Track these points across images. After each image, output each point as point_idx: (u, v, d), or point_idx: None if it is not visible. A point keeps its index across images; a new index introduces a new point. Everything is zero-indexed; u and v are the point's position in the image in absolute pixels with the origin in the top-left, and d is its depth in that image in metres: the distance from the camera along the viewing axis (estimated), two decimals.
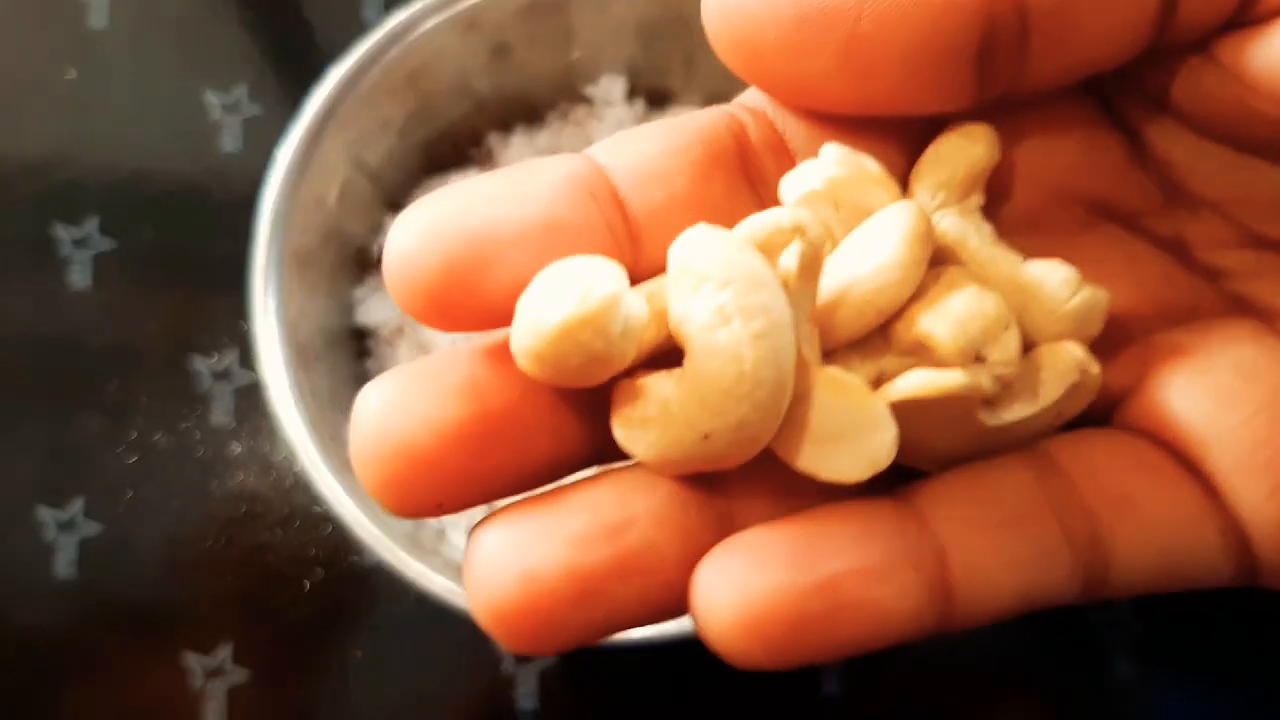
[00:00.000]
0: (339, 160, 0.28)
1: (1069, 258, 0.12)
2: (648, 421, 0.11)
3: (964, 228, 0.12)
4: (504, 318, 0.11)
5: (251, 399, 0.37)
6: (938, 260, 0.12)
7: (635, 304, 0.11)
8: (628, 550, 0.11)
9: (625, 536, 0.11)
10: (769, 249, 0.11)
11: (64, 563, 0.36)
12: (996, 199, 0.13)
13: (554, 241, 0.11)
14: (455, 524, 0.30)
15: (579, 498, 0.11)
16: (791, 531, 0.11)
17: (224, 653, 0.35)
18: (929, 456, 0.12)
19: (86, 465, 0.37)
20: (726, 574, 0.11)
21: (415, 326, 0.31)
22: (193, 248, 0.38)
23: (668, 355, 0.11)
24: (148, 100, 0.40)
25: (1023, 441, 0.12)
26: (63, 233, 0.38)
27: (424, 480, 0.11)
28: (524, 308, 0.11)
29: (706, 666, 0.35)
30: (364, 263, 0.33)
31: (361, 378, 0.32)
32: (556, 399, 0.11)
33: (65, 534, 0.36)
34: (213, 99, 0.40)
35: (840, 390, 0.11)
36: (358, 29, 0.42)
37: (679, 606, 0.11)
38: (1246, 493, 0.11)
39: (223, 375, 0.37)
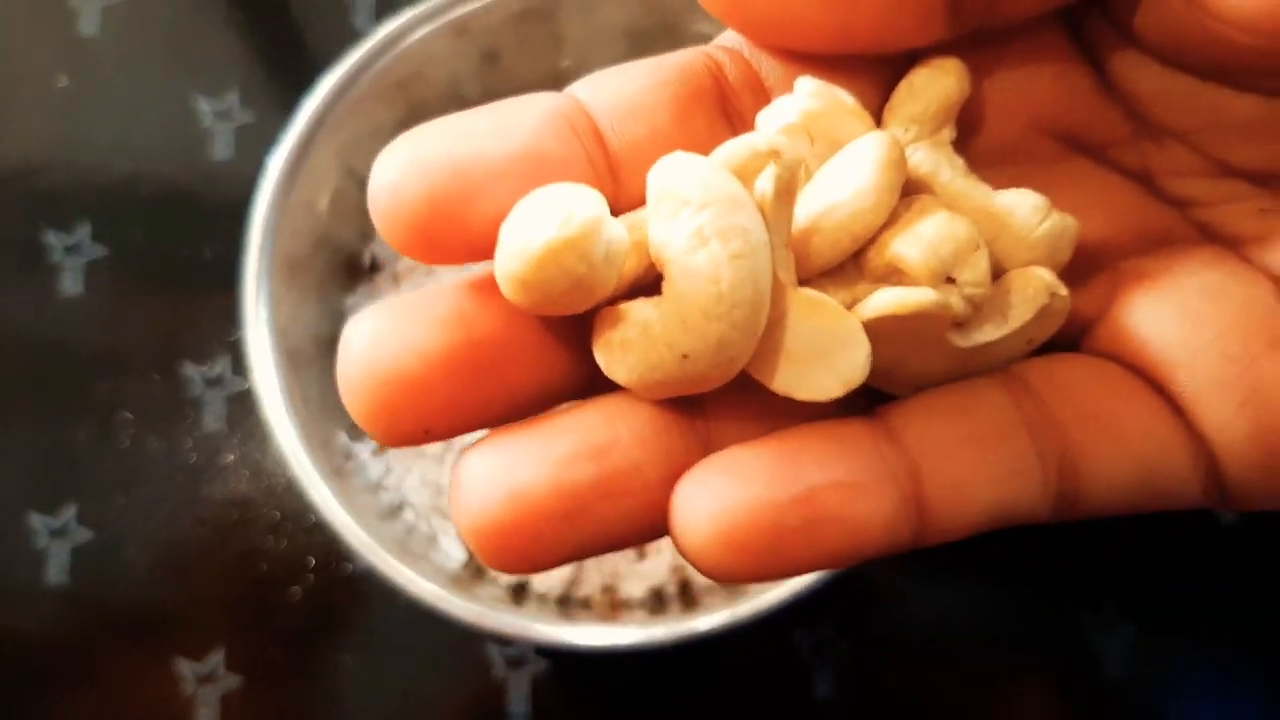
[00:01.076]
0: (330, 167, 0.28)
1: (1040, 189, 0.12)
2: (628, 345, 0.11)
3: (936, 161, 0.12)
4: (488, 250, 0.11)
5: (243, 405, 0.37)
6: (910, 192, 0.12)
7: (617, 229, 0.11)
8: (612, 470, 0.11)
9: (609, 457, 0.11)
10: (745, 174, 0.11)
11: (56, 569, 0.36)
12: (968, 132, 0.13)
13: (536, 173, 0.11)
14: (446, 530, 0.30)
15: (564, 421, 0.11)
16: (769, 449, 0.11)
17: (216, 659, 0.35)
18: (902, 381, 0.12)
19: (78, 472, 0.36)
20: (705, 489, 0.11)
21: None
22: (184, 254, 0.38)
23: (650, 288, 0.12)
24: (139, 107, 0.40)
25: (994, 366, 0.12)
26: (54, 239, 0.38)
27: (411, 407, 0.11)
28: (506, 234, 0.11)
29: (698, 671, 0.35)
30: (355, 269, 0.33)
31: None
32: (543, 329, 0.12)
33: (57, 540, 0.36)
34: (204, 106, 0.40)
35: (814, 310, 0.11)
36: (348, 36, 0.42)
37: (661, 526, 0.11)
38: (1213, 411, 0.12)
39: (214, 382, 0.37)
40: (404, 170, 0.11)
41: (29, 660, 0.35)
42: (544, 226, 0.10)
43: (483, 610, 0.25)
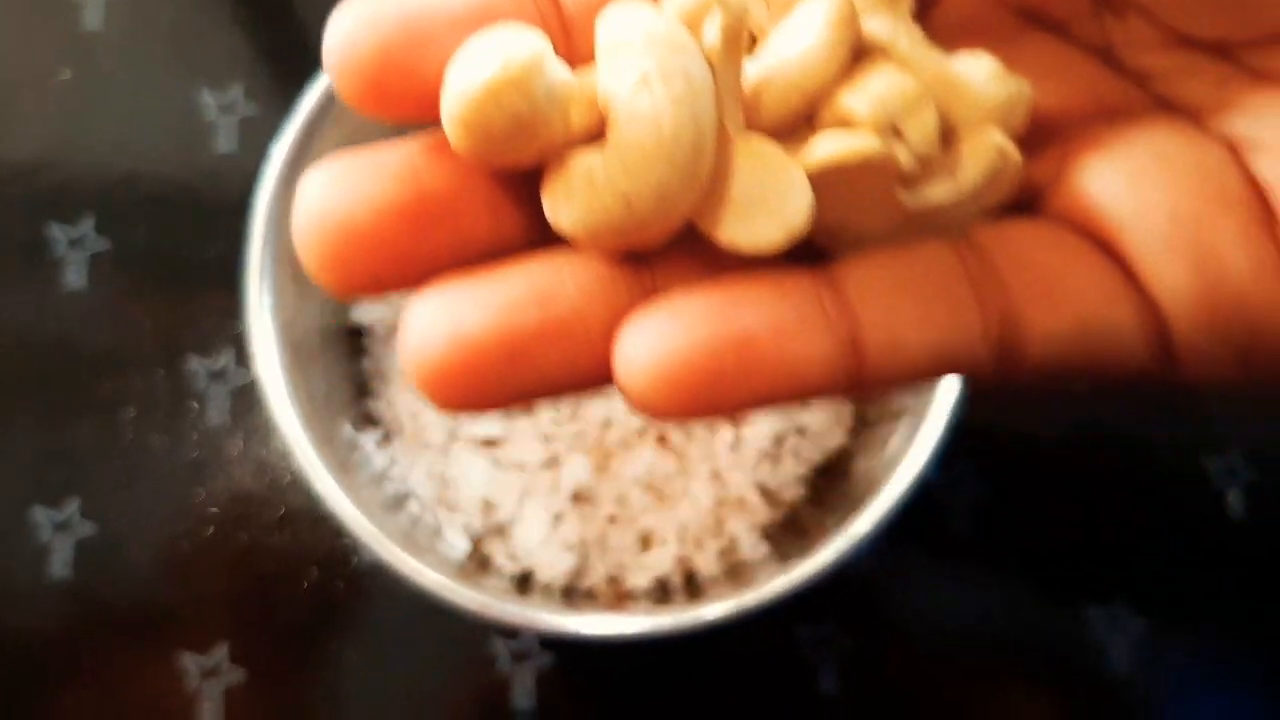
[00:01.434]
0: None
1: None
2: (573, 192, 0.11)
3: (894, 28, 0.12)
4: (438, 105, 0.11)
5: (247, 399, 0.37)
6: (866, 58, 0.12)
7: (559, 68, 0.11)
8: (556, 316, 0.11)
9: (554, 304, 0.11)
10: (694, 24, 0.11)
11: (60, 563, 0.36)
12: (928, 3, 0.13)
13: (487, 24, 0.11)
14: (451, 522, 0.30)
15: (510, 270, 0.12)
16: (710, 294, 0.11)
17: (220, 653, 0.35)
18: (850, 240, 0.12)
19: (82, 465, 0.36)
20: (646, 331, 0.11)
21: None
22: (188, 248, 0.38)
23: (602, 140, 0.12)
24: (143, 101, 0.40)
25: (944, 229, 0.12)
26: (58, 233, 0.38)
27: (362, 257, 0.11)
28: (450, 76, 0.11)
29: (702, 666, 0.35)
30: None
31: (357, 377, 0.32)
32: (494, 184, 0.12)
33: (61, 534, 0.36)
34: (208, 99, 0.40)
35: (759, 159, 0.11)
36: None
37: (604, 374, 0.12)
38: (1162, 272, 0.12)
39: (218, 375, 0.37)
40: (357, 23, 0.11)
41: (32, 654, 0.35)
42: (485, 66, 0.10)
43: (487, 600, 0.25)
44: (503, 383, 0.11)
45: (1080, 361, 0.12)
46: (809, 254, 0.12)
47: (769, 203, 0.11)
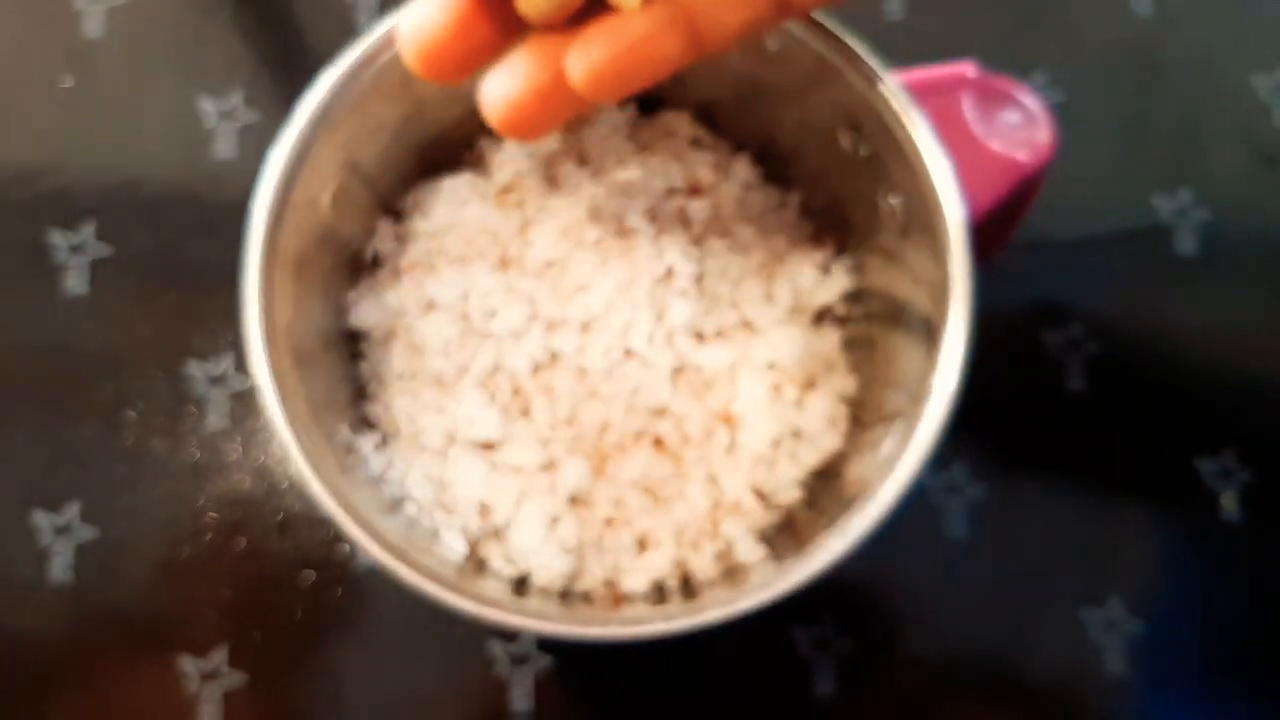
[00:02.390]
0: (332, 163, 0.29)
1: None
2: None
3: None
4: None
5: (247, 403, 0.37)
6: None
7: None
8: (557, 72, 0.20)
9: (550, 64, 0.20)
10: None
11: (60, 567, 0.36)
12: None
13: None
14: (449, 525, 0.30)
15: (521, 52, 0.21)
16: (606, 26, 0.19)
17: (219, 656, 0.35)
18: None
19: (82, 470, 0.37)
20: (584, 51, 0.19)
21: (408, 328, 0.32)
22: (188, 253, 0.39)
23: None
24: (143, 107, 0.40)
25: None
26: (59, 239, 0.39)
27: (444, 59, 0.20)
28: None
29: (699, 669, 0.35)
30: (358, 265, 0.33)
31: (354, 380, 0.32)
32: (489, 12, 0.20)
33: (61, 538, 0.36)
34: (208, 106, 0.40)
35: None
36: (352, 35, 0.42)
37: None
38: None
39: (218, 380, 0.38)
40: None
41: (33, 657, 0.35)
42: None
43: (484, 603, 0.25)
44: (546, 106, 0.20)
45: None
46: None
47: None
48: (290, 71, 0.41)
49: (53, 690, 0.35)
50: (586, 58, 0.19)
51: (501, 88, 0.20)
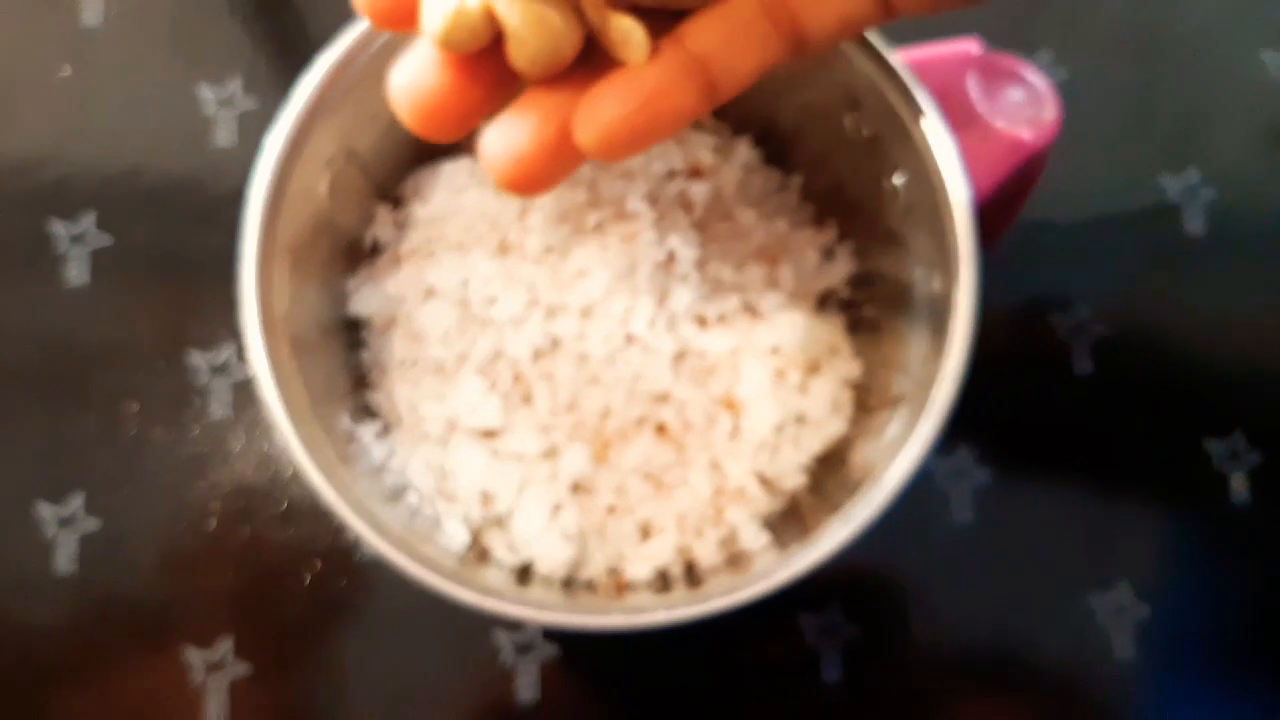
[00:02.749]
0: (329, 150, 0.28)
1: None
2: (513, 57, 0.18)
3: None
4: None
5: (250, 393, 0.37)
6: None
7: (473, 2, 0.17)
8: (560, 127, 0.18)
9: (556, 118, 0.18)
10: None
11: (64, 558, 0.36)
12: None
13: None
14: (450, 514, 0.30)
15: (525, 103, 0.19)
16: (616, 81, 0.18)
17: (224, 646, 0.35)
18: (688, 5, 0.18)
19: (85, 460, 0.37)
20: (593, 110, 0.18)
21: (408, 316, 0.31)
22: (189, 242, 0.38)
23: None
24: (142, 96, 0.40)
25: None
26: (59, 229, 0.39)
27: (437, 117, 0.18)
28: (422, 29, 0.17)
29: (705, 657, 0.35)
30: (356, 252, 0.33)
31: (356, 368, 0.32)
32: (477, 71, 0.18)
33: (65, 529, 0.36)
34: (207, 94, 0.40)
35: (609, 21, 0.17)
36: (350, 20, 0.42)
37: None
38: None
39: (220, 369, 0.38)
40: None
41: (38, 648, 0.35)
42: (433, 21, 0.17)
43: (487, 594, 0.25)
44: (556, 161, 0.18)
45: (841, 36, 0.19)
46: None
47: (630, 39, 0.18)
48: (289, 58, 0.41)
49: (58, 681, 0.35)
50: (596, 118, 0.17)
51: (504, 143, 0.18)
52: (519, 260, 0.31)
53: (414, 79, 0.18)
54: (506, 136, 0.18)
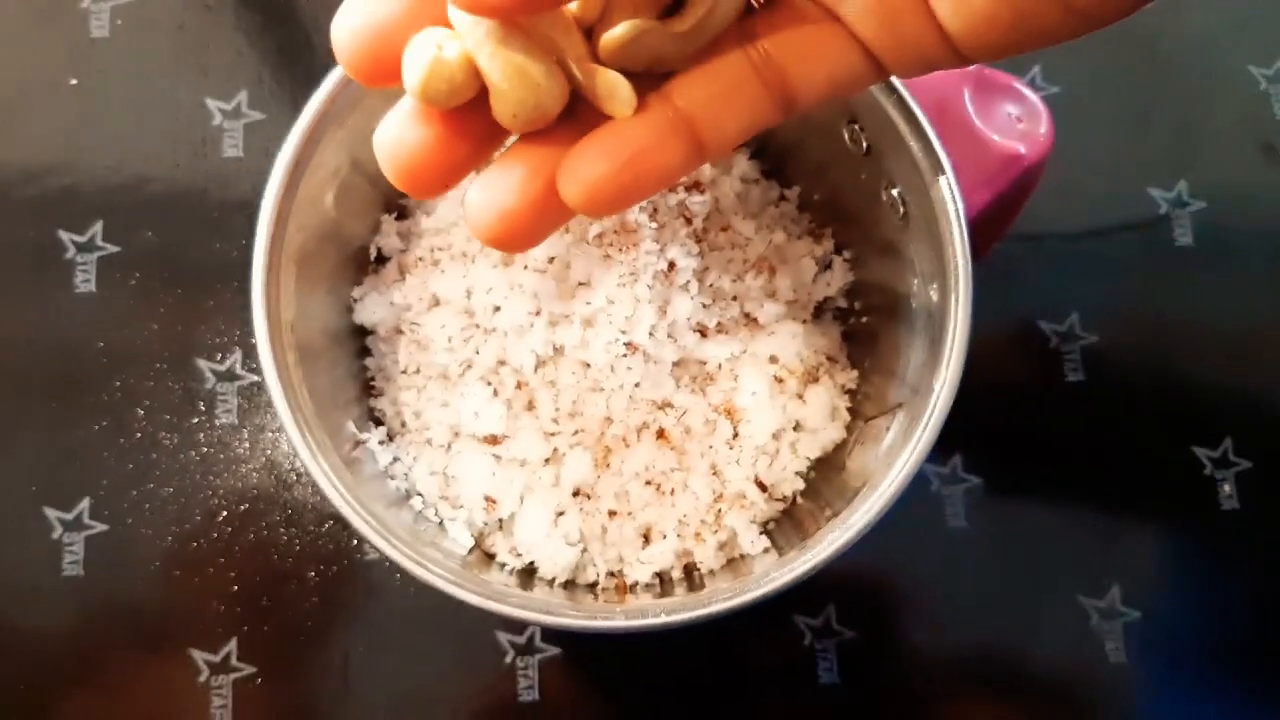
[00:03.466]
0: (337, 161, 0.29)
1: None
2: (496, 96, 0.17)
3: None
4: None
5: (255, 398, 0.38)
6: None
7: (453, 51, 0.16)
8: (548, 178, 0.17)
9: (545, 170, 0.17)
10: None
11: (71, 561, 0.36)
12: None
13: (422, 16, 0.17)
14: (454, 517, 0.31)
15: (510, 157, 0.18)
16: (601, 136, 0.17)
17: (229, 648, 0.36)
18: (669, 61, 0.18)
19: (92, 465, 0.37)
20: (578, 166, 0.17)
21: (413, 324, 0.32)
22: (196, 251, 0.39)
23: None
24: (149, 107, 0.40)
25: (721, 28, 0.18)
26: (67, 237, 0.39)
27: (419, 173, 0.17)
28: (405, 79, 0.16)
29: (704, 658, 0.35)
30: (362, 261, 0.33)
31: (361, 374, 0.33)
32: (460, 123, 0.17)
33: (72, 533, 0.36)
34: (213, 104, 0.40)
35: (594, 75, 0.17)
36: None
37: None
38: (865, 25, 0.17)
39: (226, 376, 0.38)
40: (347, 29, 0.17)
41: (45, 651, 0.36)
42: (413, 74, 0.16)
43: (490, 596, 0.25)
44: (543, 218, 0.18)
45: (834, 94, 0.18)
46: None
47: (615, 93, 0.17)
48: (294, 70, 0.41)
49: (66, 683, 0.35)
50: (581, 174, 0.17)
51: (489, 200, 0.17)
52: (522, 270, 0.32)
53: (397, 135, 0.17)
54: (491, 192, 0.17)
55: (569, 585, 0.31)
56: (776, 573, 0.26)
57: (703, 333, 0.32)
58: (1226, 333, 0.39)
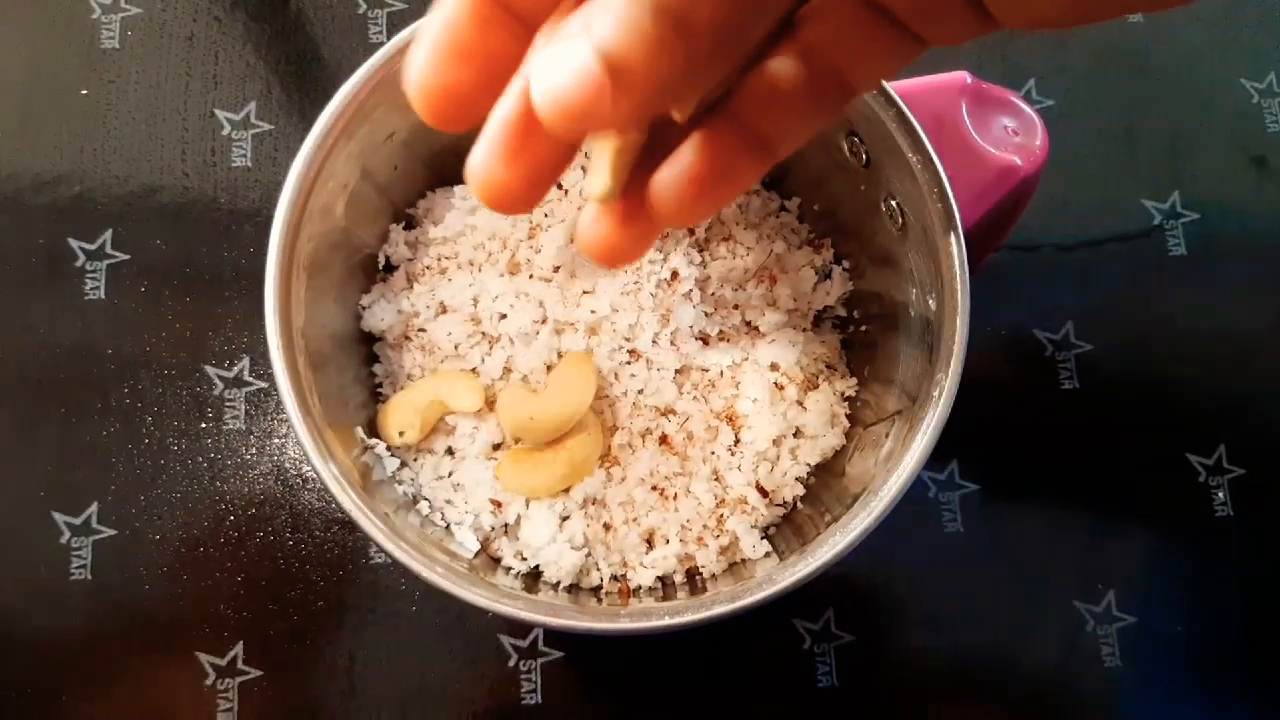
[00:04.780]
0: (347, 171, 0.29)
1: None
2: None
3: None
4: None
5: (262, 404, 0.38)
6: None
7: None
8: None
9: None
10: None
11: (80, 565, 0.37)
12: None
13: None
14: (460, 521, 0.31)
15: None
16: (690, 151, 0.18)
17: (235, 651, 0.36)
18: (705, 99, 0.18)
19: (101, 471, 0.37)
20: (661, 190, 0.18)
21: (421, 331, 0.32)
22: (205, 258, 0.39)
23: None
24: (159, 117, 0.41)
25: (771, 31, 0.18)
26: (77, 245, 0.39)
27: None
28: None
29: (704, 662, 0.36)
30: (371, 269, 0.34)
31: (369, 381, 0.33)
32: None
33: (80, 537, 0.37)
34: (222, 115, 0.41)
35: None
36: (363, 47, 0.43)
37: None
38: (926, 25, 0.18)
39: (234, 382, 0.38)
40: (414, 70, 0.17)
41: (53, 654, 0.36)
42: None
43: (497, 597, 0.26)
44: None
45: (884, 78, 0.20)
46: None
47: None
48: (303, 81, 0.41)
49: (74, 686, 0.36)
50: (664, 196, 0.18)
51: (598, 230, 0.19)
52: (528, 279, 0.32)
53: (488, 168, 0.18)
54: (599, 230, 0.19)
55: (573, 589, 0.31)
56: (777, 576, 0.26)
57: (705, 340, 0.33)
58: (1220, 342, 0.40)
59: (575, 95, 0.15)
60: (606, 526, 0.31)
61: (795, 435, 0.33)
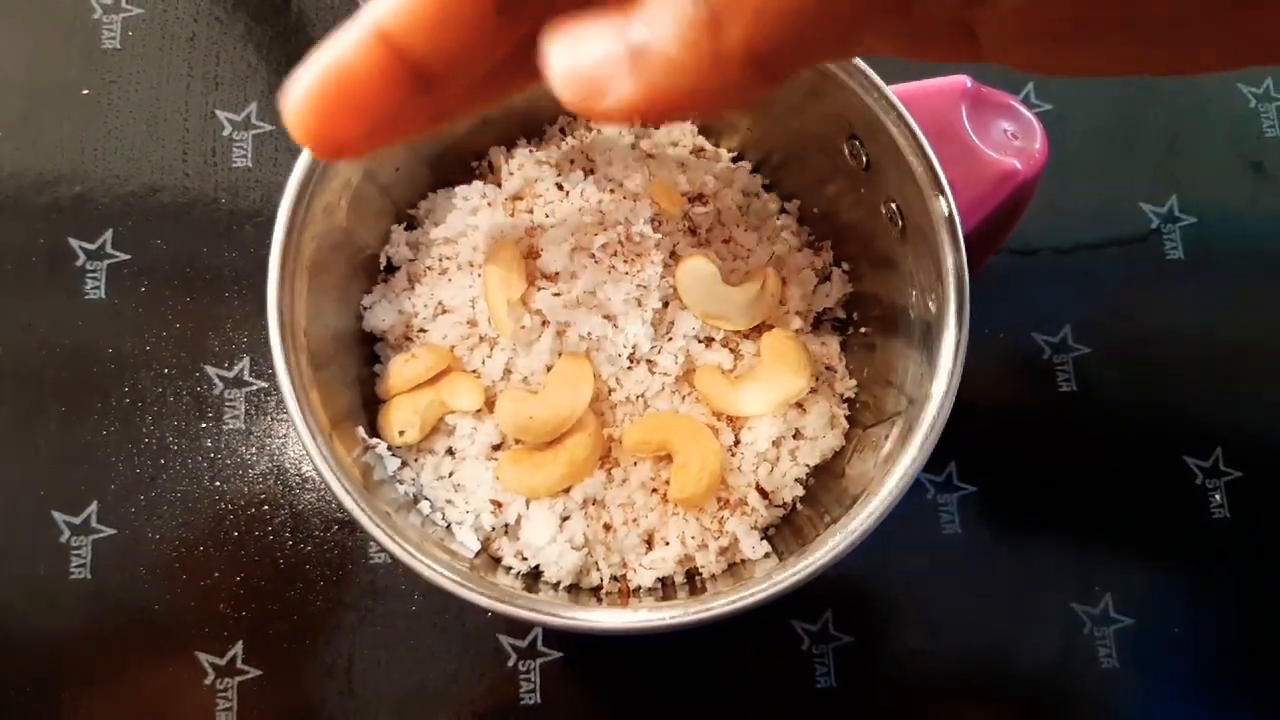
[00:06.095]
0: (349, 173, 0.29)
1: None
2: None
3: None
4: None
5: (262, 404, 0.38)
6: None
7: None
8: None
9: None
10: None
11: (79, 565, 0.37)
12: None
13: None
14: (461, 521, 0.31)
15: None
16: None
17: (235, 651, 0.36)
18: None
19: (101, 470, 0.37)
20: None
21: (421, 331, 0.32)
22: (205, 259, 0.39)
23: None
24: (160, 117, 0.41)
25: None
26: (78, 245, 0.39)
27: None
28: None
29: (703, 663, 0.36)
30: (372, 269, 0.34)
31: (370, 381, 0.33)
32: None
33: (80, 537, 0.37)
34: (223, 116, 0.41)
35: None
36: None
37: None
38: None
39: (234, 382, 0.38)
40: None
41: (53, 654, 0.36)
42: None
43: (498, 597, 0.26)
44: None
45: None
46: None
47: None
48: None
49: (73, 686, 0.36)
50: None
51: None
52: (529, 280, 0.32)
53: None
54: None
55: (573, 589, 0.31)
56: (777, 576, 0.26)
57: (706, 343, 0.33)
58: (1217, 344, 0.40)
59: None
60: (606, 527, 0.31)
61: (795, 437, 0.33)
